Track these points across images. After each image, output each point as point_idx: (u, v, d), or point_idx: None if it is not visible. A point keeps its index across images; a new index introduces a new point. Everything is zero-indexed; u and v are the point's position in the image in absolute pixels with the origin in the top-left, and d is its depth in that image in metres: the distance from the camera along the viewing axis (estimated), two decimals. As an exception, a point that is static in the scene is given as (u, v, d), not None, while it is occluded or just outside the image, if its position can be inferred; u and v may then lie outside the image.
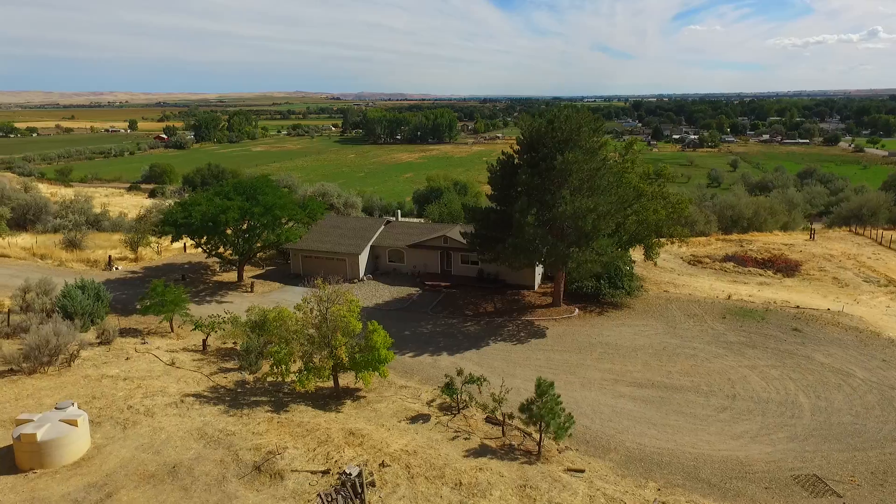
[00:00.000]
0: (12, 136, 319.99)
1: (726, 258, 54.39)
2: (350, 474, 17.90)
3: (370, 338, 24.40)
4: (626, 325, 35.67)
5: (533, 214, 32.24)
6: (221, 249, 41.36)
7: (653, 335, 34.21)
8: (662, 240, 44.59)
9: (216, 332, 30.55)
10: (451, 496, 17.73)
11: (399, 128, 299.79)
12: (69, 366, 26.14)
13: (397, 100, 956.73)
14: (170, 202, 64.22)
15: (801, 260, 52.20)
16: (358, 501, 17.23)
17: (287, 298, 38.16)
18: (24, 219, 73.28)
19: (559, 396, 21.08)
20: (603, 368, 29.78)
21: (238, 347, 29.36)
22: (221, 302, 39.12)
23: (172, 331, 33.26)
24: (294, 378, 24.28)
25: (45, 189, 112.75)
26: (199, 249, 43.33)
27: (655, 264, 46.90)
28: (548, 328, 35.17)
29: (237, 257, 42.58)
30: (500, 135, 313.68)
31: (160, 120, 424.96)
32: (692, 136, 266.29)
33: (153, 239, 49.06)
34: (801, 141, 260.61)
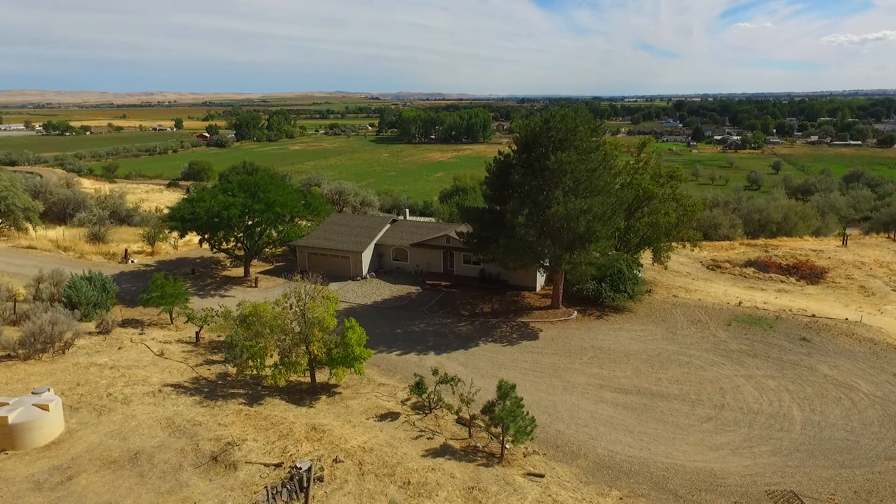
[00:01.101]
0: (67, 134, 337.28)
1: (748, 263, 52.28)
2: (300, 468, 18.07)
3: (346, 335, 24.55)
4: (623, 330, 34.76)
5: (524, 215, 31.75)
6: (225, 245, 42.35)
7: (649, 340, 33.22)
8: (673, 243, 43.27)
9: (209, 324, 31.30)
10: (395, 494, 17.64)
11: (433, 127, 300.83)
12: (63, 353, 27.25)
13: (435, 100, 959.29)
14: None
15: (827, 267, 49.79)
16: (303, 496, 17.35)
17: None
18: (64, 213, 76.98)
19: (521, 399, 20.69)
20: (590, 373, 29.10)
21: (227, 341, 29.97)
22: (224, 296, 40.05)
23: (172, 322, 34.29)
24: (268, 372, 24.65)
25: (89, 185, 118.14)
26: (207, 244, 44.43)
27: (665, 268, 45.54)
28: (541, 330, 34.61)
29: (243, 253, 43.51)
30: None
31: (205, 119, 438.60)
32: (734, 137, 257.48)
33: (169, 234, 50.53)
34: (852, 143, 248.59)
